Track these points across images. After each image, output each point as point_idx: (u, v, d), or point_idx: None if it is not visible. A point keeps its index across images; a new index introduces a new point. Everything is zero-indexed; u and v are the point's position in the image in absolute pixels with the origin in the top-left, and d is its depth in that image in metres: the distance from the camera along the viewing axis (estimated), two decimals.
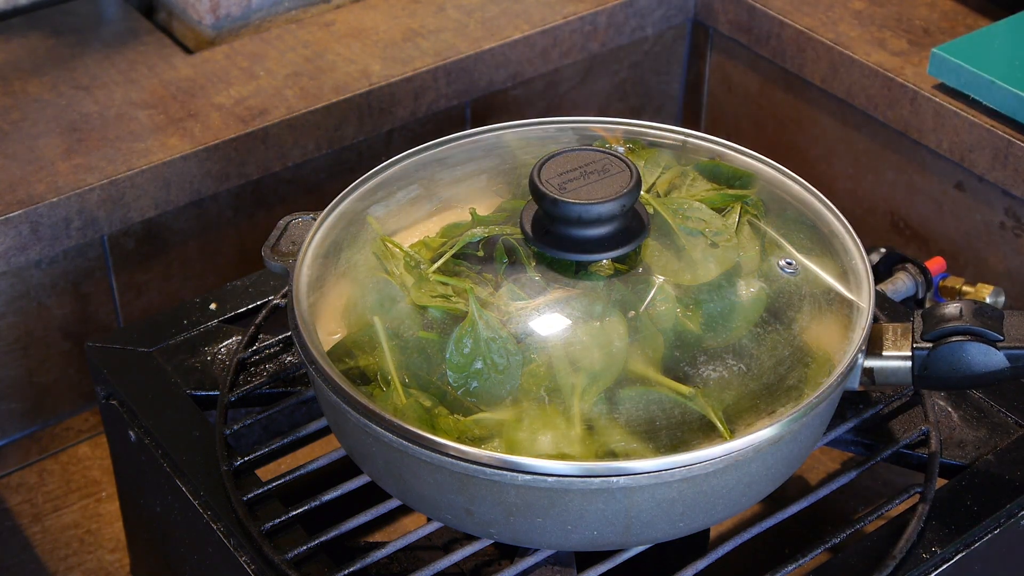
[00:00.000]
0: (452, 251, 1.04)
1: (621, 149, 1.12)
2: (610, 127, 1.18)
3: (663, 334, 0.98)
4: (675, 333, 0.99)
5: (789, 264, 1.08)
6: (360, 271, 1.10)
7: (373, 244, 1.08)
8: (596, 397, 0.95)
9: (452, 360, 0.98)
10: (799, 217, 1.11)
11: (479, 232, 1.05)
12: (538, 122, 1.19)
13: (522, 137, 1.18)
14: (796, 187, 1.12)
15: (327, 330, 1.07)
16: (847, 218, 1.09)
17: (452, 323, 0.98)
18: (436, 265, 1.02)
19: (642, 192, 1.06)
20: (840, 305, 1.07)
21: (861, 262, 1.06)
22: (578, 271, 1.03)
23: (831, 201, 1.11)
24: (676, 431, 0.96)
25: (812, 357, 1.04)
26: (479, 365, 0.97)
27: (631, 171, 1.05)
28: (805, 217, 1.11)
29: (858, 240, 1.07)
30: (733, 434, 0.94)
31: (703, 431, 0.95)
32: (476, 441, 0.96)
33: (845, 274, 1.06)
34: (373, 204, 1.13)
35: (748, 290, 1.01)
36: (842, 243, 1.08)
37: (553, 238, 1.03)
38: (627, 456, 0.94)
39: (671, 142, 1.16)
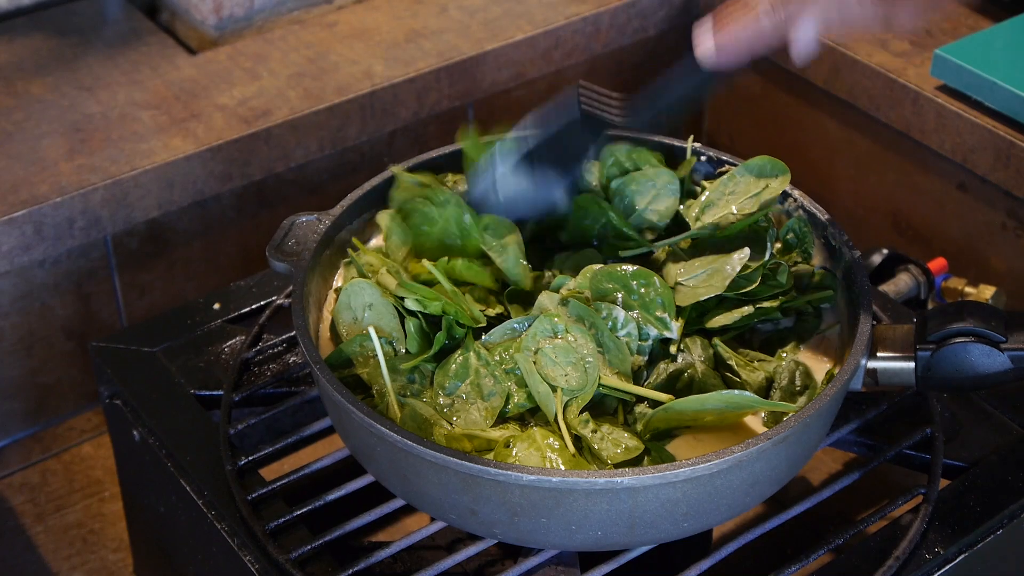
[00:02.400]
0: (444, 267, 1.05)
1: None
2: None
3: (637, 346, 1.00)
4: (656, 342, 1.01)
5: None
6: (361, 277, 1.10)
7: (382, 261, 1.10)
8: (578, 412, 0.96)
9: (439, 381, 0.99)
10: (799, 218, 1.11)
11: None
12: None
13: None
14: (796, 191, 1.12)
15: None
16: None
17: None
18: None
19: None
20: (842, 306, 1.07)
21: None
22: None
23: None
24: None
25: (815, 359, 1.04)
26: (462, 388, 0.99)
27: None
28: (804, 219, 1.11)
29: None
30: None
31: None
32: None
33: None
34: (377, 207, 1.14)
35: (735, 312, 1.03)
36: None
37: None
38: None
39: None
